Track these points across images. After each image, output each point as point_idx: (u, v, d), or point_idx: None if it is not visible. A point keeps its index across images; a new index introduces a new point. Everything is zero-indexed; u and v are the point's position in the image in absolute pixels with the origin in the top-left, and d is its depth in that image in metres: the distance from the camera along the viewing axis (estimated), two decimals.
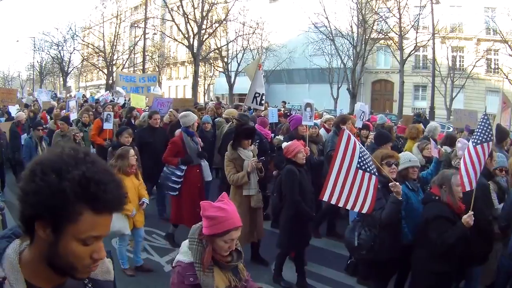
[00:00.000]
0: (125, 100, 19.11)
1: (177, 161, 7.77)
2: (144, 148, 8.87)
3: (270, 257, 7.11)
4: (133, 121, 12.32)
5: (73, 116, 11.63)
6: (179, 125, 9.44)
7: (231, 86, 40.88)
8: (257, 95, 11.27)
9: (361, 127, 9.91)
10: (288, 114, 14.00)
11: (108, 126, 10.90)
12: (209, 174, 8.44)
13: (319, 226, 8.54)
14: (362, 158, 4.76)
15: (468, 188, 4.68)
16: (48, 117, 15.01)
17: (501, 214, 5.66)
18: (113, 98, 21.38)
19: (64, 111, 15.07)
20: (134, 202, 6.64)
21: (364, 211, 4.85)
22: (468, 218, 4.48)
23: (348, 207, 4.92)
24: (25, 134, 11.88)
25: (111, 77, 43.55)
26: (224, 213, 2.84)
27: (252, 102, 11.60)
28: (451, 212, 4.72)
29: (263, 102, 11.62)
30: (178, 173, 7.78)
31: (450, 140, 8.61)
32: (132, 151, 6.60)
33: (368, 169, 4.76)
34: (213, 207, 2.88)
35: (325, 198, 4.91)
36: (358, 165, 4.75)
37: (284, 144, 6.62)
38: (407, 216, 5.28)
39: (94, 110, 15.20)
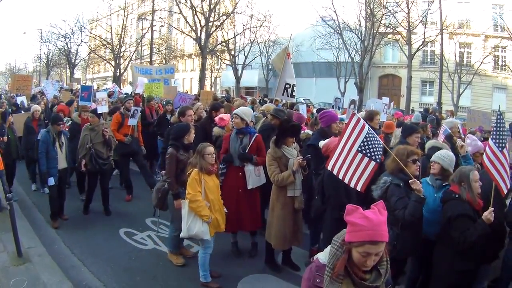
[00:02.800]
0: (134, 90, 18.55)
1: (221, 158, 7.27)
2: None
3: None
4: (168, 116, 11.57)
5: (103, 109, 10.72)
6: (210, 122, 8.88)
7: (238, 79, 40.81)
8: (287, 86, 10.52)
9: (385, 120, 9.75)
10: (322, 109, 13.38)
11: (133, 122, 10.37)
12: (253, 180, 7.07)
13: None
14: (366, 143, 4.87)
15: (506, 191, 4.88)
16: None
17: (508, 210, 5.63)
18: (133, 91, 20.97)
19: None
20: (218, 203, 6.26)
21: (358, 188, 4.92)
22: (489, 214, 4.48)
23: (346, 181, 4.98)
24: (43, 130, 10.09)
25: (118, 69, 43.64)
26: (366, 221, 2.43)
27: (283, 94, 10.90)
28: (471, 210, 4.71)
29: (294, 93, 10.95)
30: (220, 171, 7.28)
31: None
32: (210, 148, 6.09)
33: (368, 154, 4.86)
34: (357, 213, 2.50)
35: (329, 167, 5.06)
36: (359, 149, 4.88)
37: (322, 143, 6.17)
38: None
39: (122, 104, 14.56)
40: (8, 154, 9.76)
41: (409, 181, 4.80)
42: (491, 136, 5.13)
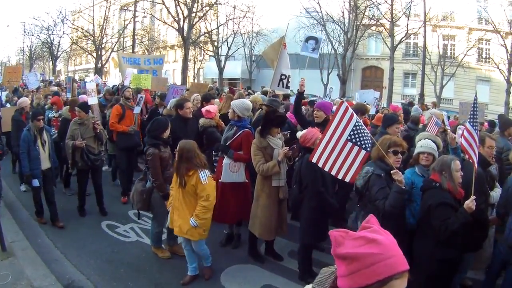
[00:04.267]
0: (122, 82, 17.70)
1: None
2: (176, 143, 6.53)
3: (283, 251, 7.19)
4: (160, 110, 11.16)
5: (93, 100, 9.95)
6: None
7: (221, 70, 40.67)
8: (283, 77, 10.15)
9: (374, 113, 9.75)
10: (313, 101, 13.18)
11: (137, 110, 9.78)
12: (225, 175, 6.89)
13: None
14: (355, 132, 4.78)
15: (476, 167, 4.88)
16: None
17: (499, 202, 5.70)
18: (121, 83, 20.34)
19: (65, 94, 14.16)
20: (177, 203, 5.86)
21: (347, 179, 4.88)
22: (470, 203, 4.49)
23: (333, 173, 4.92)
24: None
25: (99, 61, 43.29)
26: (378, 247, 1.56)
27: (278, 86, 10.50)
28: (452, 199, 4.73)
29: (289, 84, 10.58)
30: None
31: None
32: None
33: (358, 143, 4.77)
34: (354, 239, 1.61)
35: (314, 160, 4.96)
36: (349, 137, 4.79)
37: (299, 134, 6.23)
38: (412, 201, 5.30)
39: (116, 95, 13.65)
40: None
41: (391, 171, 4.79)
42: (468, 120, 5.28)
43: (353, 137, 4.79)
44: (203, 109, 8.36)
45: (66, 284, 6.03)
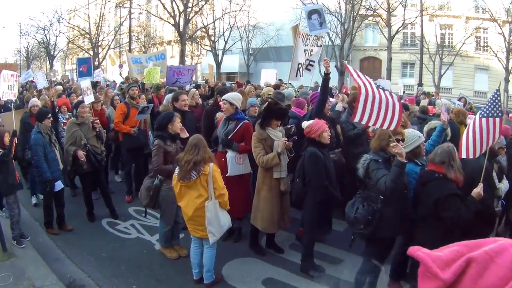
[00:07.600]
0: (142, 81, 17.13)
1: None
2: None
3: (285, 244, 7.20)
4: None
5: (89, 99, 9.12)
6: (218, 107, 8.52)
7: (218, 64, 40.56)
8: (299, 66, 9.81)
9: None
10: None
11: (141, 117, 9.27)
12: (232, 168, 6.90)
13: None
14: (376, 83, 4.94)
15: (465, 156, 4.74)
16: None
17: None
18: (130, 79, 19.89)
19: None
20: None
21: (392, 127, 4.87)
22: (479, 190, 4.45)
23: (377, 126, 4.95)
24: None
25: (96, 59, 43.22)
26: None
27: (296, 76, 10.20)
28: (457, 188, 4.68)
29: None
30: None
31: None
32: None
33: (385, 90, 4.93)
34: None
35: (357, 119, 4.96)
36: (377, 86, 4.92)
37: (305, 124, 6.16)
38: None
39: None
40: None
41: (391, 144, 4.77)
42: (480, 112, 5.10)
43: (378, 85, 4.96)
44: (221, 102, 8.30)
45: (68, 283, 6.02)
